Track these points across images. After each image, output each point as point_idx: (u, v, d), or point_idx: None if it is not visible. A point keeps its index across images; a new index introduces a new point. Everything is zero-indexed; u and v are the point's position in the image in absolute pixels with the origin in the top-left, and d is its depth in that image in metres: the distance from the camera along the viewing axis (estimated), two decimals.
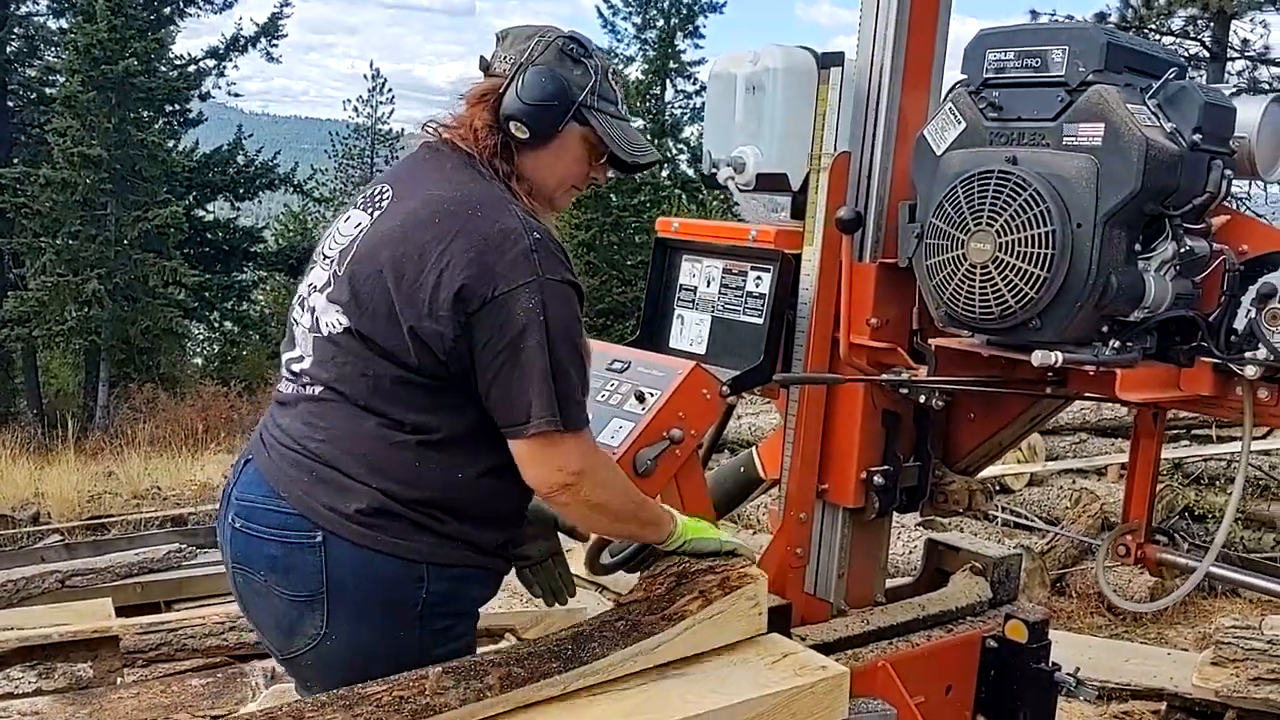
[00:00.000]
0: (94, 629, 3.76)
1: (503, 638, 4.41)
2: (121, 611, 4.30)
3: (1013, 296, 2.00)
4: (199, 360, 28.20)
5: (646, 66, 27.77)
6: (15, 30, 24.10)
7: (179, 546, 6.01)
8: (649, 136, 27.45)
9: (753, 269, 2.48)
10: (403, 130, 35.66)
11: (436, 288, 1.77)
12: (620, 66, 27.27)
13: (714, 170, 2.54)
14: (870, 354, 2.39)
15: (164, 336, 23.18)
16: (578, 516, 1.95)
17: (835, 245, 2.37)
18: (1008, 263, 2.00)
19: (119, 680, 3.59)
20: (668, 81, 28.13)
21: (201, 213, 26.11)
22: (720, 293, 2.55)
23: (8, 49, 23.96)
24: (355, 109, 35.89)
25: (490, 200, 1.86)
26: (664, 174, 28.08)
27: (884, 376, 2.36)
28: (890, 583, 2.74)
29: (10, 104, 24.42)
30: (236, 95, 27.86)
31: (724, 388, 2.32)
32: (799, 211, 2.46)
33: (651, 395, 2.25)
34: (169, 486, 9.61)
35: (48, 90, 23.93)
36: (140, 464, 11.37)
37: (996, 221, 2.02)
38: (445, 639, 1.88)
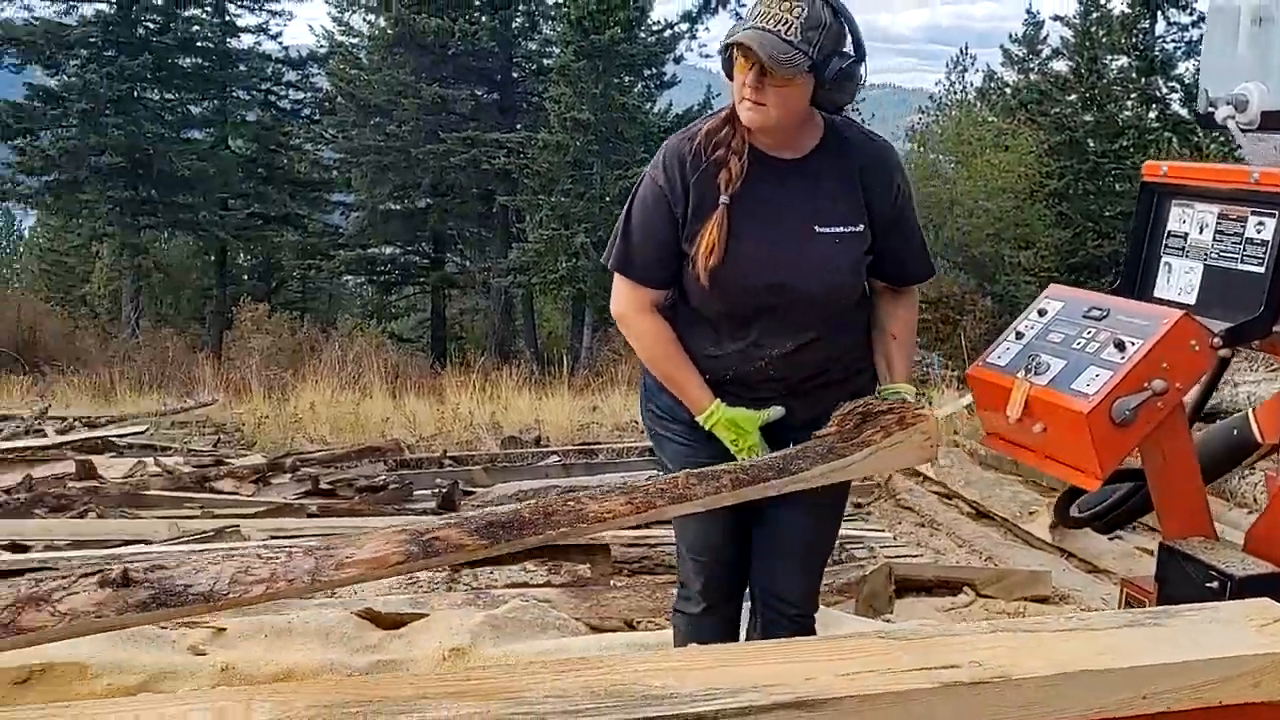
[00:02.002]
0: (590, 538, 4.27)
1: (961, 590, 4.44)
2: None
3: None
4: None
5: None
6: (520, 7, 26.89)
7: (657, 473, 6.58)
8: (1134, 74, 25.22)
9: (1254, 214, 2.30)
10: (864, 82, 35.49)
11: None
12: None
13: (1210, 109, 2.37)
14: None
15: None
16: None
17: None
18: None
19: (612, 583, 4.07)
20: (1159, 13, 25.62)
21: None
22: (1215, 240, 2.39)
23: (513, 25, 26.80)
24: None
25: None
26: (1152, 115, 25.69)
27: None
28: None
29: (515, 75, 27.38)
30: (706, 56, 29.17)
31: (1216, 339, 2.19)
32: None
33: (1132, 344, 2.18)
34: None
35: (545, 61, 26.57)
36: (620, 400, 12.44)
37: None
38: (663, 426, 2.43)
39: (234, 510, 5.64)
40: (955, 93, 34.27)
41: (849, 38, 2.15)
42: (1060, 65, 26.63)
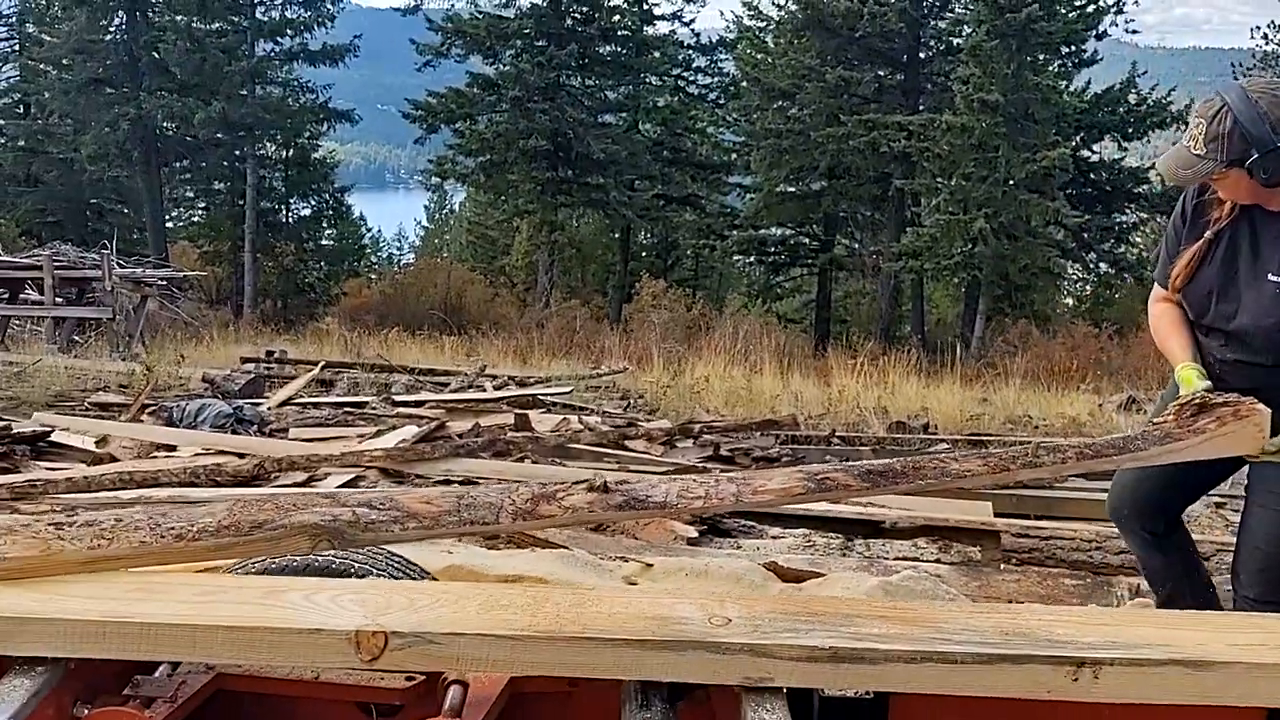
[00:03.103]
0: (981, 522, 4.41)
1: None
2: (998, 516, 4.91)
3: None
4: (1070, 300, 28.62)
5: None
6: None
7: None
8: None
9: None
10: None
11: None
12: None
13: None
14: None
15: (1040, 275, 24.04)
16: None
17: None
18: None
19: (1000, 568, 4.19)
20: None
21: (1087, 153, 26.27)
22: None
23: (923, 4, 26.36)
24: (1265, 35, 32.61)
25: None
26: None
27: None
28: None
29: (921, 55, 26.99)
30: (1134, 32, 27.28)
31: None
32: None
33: None
34: (1038, 416, 10.21)
35: (954, 40, 25.98)
36: (1012, 394, 12.16)
37: None
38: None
39: (646, 468, 6.25)
40: None
41: (1250, 137, 2.38)
42: None
